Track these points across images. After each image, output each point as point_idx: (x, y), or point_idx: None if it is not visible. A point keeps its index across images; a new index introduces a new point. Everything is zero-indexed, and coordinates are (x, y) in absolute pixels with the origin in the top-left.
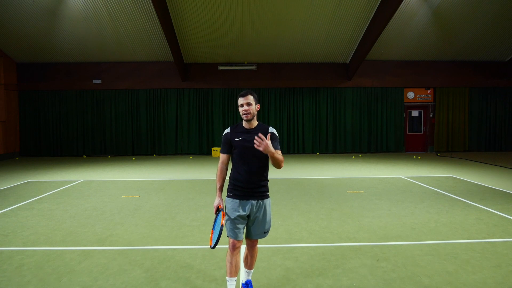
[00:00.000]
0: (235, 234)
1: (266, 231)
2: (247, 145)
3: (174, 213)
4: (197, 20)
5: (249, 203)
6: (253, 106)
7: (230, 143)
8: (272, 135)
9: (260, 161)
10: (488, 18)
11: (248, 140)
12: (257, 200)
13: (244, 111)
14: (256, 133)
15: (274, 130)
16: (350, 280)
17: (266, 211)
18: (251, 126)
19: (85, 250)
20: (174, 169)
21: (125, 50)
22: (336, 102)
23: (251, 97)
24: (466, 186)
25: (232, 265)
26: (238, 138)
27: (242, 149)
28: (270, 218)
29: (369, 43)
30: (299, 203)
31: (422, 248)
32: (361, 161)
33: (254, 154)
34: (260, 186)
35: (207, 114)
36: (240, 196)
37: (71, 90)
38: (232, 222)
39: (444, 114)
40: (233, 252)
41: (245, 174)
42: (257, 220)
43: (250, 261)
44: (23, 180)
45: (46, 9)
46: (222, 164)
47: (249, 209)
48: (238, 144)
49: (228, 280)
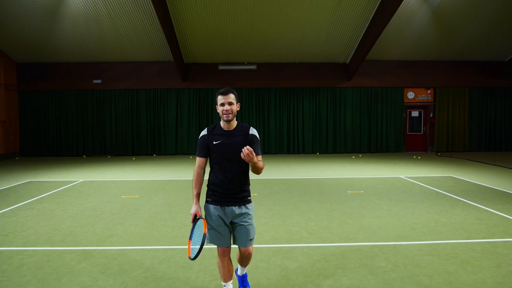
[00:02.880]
0: (221, 241)
1: (251, 238)
2: (226, 149)
3: (174, 213)
4: (197, 20)
5: (230, 209)
6: (234, 105)
7: (207, 146)
8: (253, 137)
9: (240, 165)
10: (488, 18)
11: (227, 143)
12: (238, 206)
13: (224, 111)
14: (235, 135)
15: (255, 132)
16: (350, 280)
17: (250, 216)
18: (230, 127)
19: (85, 250)
20: (174, 169)
21: (125, 50)
22: (336, 102)
23: (232, 96)
24: (466, 186)
25: (225, 270)
26: (217, 141)
27: (221, 153)
28: (253, 224)
29: (369, 43)
30: (299, 203)
31: (422, 248)
32: (361, 161)
33: (234, 158)
34: (241, 191)
35: (207, 114)
36: (221, 202)
37: (71, 90)
38: (216, 230)
39: (444, 114)
40: (223, 259)
41: (224, 179)
42: (241, 227)
43: (245, 263)
44: (23, 180)
45: (46, 9)
46: (198, 169)
47: (231, 215)
48: (217, 148)
49: (224, 285)
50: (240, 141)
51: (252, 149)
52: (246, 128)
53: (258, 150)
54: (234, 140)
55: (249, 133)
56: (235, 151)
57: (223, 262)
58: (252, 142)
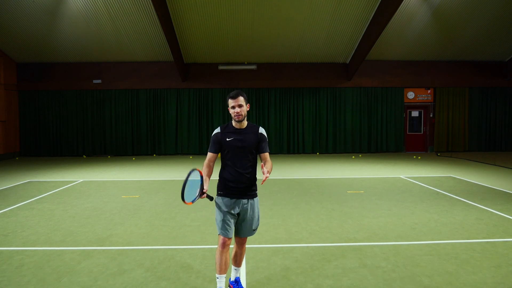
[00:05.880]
0: (226, 232)
1: (255, 229)
2: (238, 145)
3: (174, 213)
4: (197, 20)
5: (240, 202)
6: (244, 107)
7: (220, 143)
8: (262, 136)
9: (250, 161)
10: (488, 18)
11: (240, 140)
12: (247, 199)
13: (236, 113)
14: (247, 133)
15: (263, 131)
16: (350, 280)
17: (256, 209)
18: (241, 126)
19: (85, 250)
20: (174, 169)
21: (125, 50)
22: (336, 102)
23: (241, 98)
24: (466, 186)
25: (222, 262)
26: (229, 138)
27: (233, 149)
28: (259, 216)
29: (369, 43)
30: (299, 203)
31: (422, 248)
32: (361, 161)
33: (245, 154)
34: (251, 185)
35: (207, 114)
36: (231, 195)
37: (71, 90)
38: (224, 220)
39: (444, 114)
40: (223, 250)
41: (236, 174)
42: (247, 219)
43: (239, 258)
44: (23, 180)
45: (46, 9)
46: (209, 162)
47: (240, 208)
48: (230, 144)
49: (218, 277)
50: (251, 139)
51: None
52: (256, 127)
53: (266, 147)
54: (245, 137)
55: (258, 132)
56: (246, 147)
57: (221, 253)
58: (261, 140)
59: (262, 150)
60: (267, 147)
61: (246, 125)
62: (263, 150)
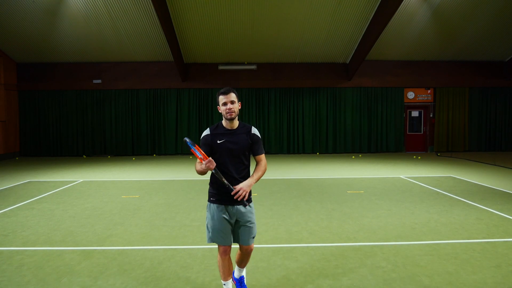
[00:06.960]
0: (223, 240)
1: (253, 236)
2: (230, 146)
3: (174, 213)
4: (197, 20)
5: (235, 208)
6: (236, 104)
7: (211, 145)
8: (255, 137)
9: (244, 164)
10: (488, 18)
11: (231, 141)
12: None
13: (228, 110)
14: (239, 134)
15: (257, 131)
16: (350, 280)
17: (253, 216)
18: (233, 126)
19: (85, 250)
20: (174, 169)
21: (125, 50)
22: (336, 102)
23: (233, 95)
24: (466, 186)
25: (225, 268)
26: (221, 140)
27: (225, 151)
28: (255, 222)
29: (369, 43)
30: (299, 203)
31: (422, 248)
32: (361, 161)
33: (237, 155)
34: None
35: (207, 114)
36: (225, 201)
37: (71, 90)
38: (218, 229)
39: (444, 114)
40: (224, 257)
41: (228, 177)
42: (245, 226)
43: (245, 262)
44: (23, 180)
45: (46, 9)
46: None
47: (236, 214)
48: (221, 147)
49: (224, 284)
50: (243, 139)
51: (240, 191)
52: (248, 127)
53: (260, 149)
54: (237, 138)
55: (251, 132)
56: (238, 149)
57: (223, 261)
58: (255, 141)
59: (256, 153)
60: (261, 148)
61: (238, 125)
62: (258, 152)
